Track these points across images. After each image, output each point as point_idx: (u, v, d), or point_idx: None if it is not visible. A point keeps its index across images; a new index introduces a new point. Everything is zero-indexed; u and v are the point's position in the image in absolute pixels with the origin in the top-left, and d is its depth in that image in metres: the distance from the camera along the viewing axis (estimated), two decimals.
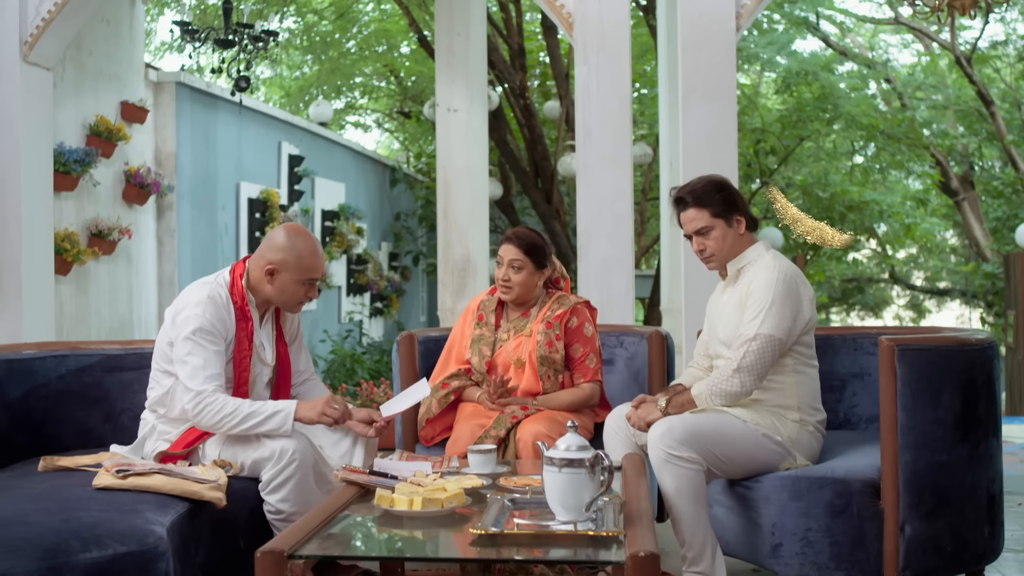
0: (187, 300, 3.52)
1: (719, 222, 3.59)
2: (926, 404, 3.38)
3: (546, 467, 2.65)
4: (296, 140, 11.47)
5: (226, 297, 3.53)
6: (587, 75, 6.01)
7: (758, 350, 3.43)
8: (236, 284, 3.56)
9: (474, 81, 8.03)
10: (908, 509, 3.36)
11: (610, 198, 5.99)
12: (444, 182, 7.98)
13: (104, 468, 3.16)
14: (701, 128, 5.85)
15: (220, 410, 3.33)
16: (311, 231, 11.47)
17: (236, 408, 3.34)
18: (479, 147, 8.11)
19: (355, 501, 3.00)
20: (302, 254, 3.53)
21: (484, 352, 4.13)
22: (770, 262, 3.55)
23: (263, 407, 3.37)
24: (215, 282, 3.57)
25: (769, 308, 3.45)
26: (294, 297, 3.57)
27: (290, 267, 3.52)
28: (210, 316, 3.44)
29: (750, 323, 3.46)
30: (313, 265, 3.55)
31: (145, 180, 8.23)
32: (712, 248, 3.62)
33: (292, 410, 3.37)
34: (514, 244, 4.11)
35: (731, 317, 3.58)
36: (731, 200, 3.60)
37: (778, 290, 3.46)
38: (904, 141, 18.31)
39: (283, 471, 3.32)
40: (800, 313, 3.51)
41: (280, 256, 3.53)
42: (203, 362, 3.38)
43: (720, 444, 3.39)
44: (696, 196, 3.58)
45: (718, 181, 3.64)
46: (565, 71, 13.34)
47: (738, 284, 3.62)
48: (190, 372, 3.37)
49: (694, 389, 3.53)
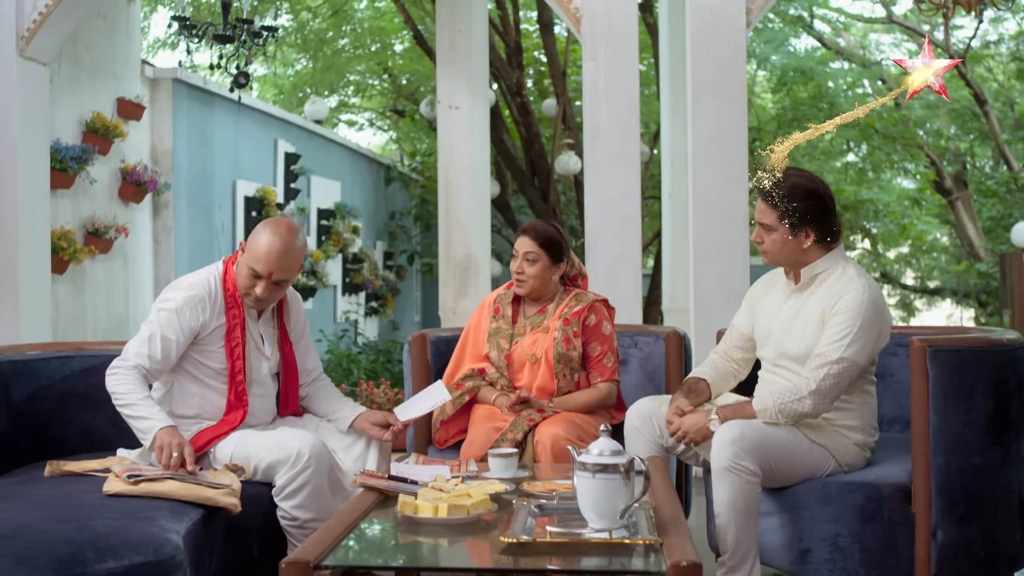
0: (179, 282, 3.51)
1: (784, 228, 3.40)
2: (958, 406, 3.29)
3: (578, 472, 2.56)
4: (292, 138, 11.36)
5: (216, 285, 3.47)
6: (595, 71, 5.93)
7: (838, 374, 3.28)
8: (229, 272, 3.50)
9: (476, 78, 7.93)
10: (940, 514, 3.28)
11: (618, 196, 5.92)
12: (446, 180, 7.88)
13: (114, 473, 3.05)
14: (711, 126, 5.78)
15: (119, 383, 3.33)
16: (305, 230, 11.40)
17: (127, 391, 3.31)
18: (481, 145, 8.01)
19: (375, 507, 2.90)
20: (259, 241, 3.40)
21: (502, 345, 4.04)
22: (855, 278, 3.37)
23: (146, 410, 3.29)
24: (209, 270, 3.52)
25: (857, 332, 3.28)
26: (243, 282, 3.46)
27: (249, 249, 3.43)
28: (187, 304, 3.41)
29: (834, 344, 3.29)
30: (259, 256, 3.38)
31: (142, 178, 8.11)
32: (767, 247, 3.45)
33: (153, 433, 3.24)
34: (529, 236, 4.02)
35: (803, 329, 3.41)
36: (811, 211, 3.37)
37: (868, 313, 3.30)
38: (900, 141, 18.29)
39: (298, 476, 3.23)
40: (881, 338, 3.38)
41: (250, 237, 3.47)
42: (148, 340, 3.37)
43: (782, 460, 3.27)
44: (773, 192, 3.39)
45: (808, 186, 3.39)
46: (562, 69, 13.24)
47: (811, 294, 3.44)
48: (134, 339, 3.40)
49: (757, 403, 3.36)
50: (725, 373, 3.72)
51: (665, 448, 3.62)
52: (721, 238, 5.74)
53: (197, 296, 3.42)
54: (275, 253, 3.37)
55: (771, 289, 3.66)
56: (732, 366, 3.73)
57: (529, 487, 3.05)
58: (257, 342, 3.52)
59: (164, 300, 3.44)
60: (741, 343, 3.71)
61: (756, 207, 3.51)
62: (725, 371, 3.72)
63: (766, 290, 3.67)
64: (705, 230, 5.77)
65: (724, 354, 3.74)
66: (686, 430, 3.42)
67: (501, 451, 3.29)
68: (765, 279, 3.73)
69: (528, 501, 2.83)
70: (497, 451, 3.29)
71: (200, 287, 3.45)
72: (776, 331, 3.51)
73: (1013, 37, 19.80)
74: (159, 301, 3.46)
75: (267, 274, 3.38)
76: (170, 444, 3.17)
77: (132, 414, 3.29)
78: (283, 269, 3.39)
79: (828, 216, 3.42)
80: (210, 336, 3.45)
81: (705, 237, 5.78)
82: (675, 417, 3.48)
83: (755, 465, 3.20)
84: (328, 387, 3.77)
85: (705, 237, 5.78)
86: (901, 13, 19.74)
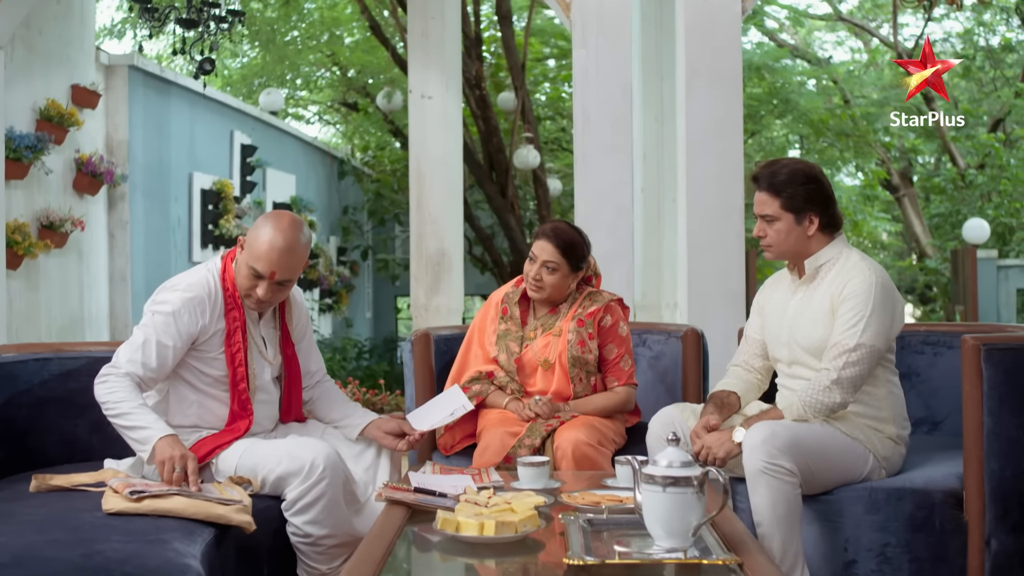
0: (175, 282, 3.19)
1: (788, 216, 3.26)
2: (1013, 408, 3.11)
3: (645, 486, 2.32)
4: (248, 129, 11.00)
5: (215, 285, 3.16)
6: (585, 59, 5.71)
7: (858, 361, 3.12)
8: (228, 270, 3.18)
9: (449, 67, 7.66)
10: (994, 521, 3.09)
11: (610, 188, 5.70)
12: (417, 173, 7.59)
13: (112, 489, 2.76)
14: (706, 116, 5.58)
15: (109, 392, 3.02)
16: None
17: (120, 400, 3.01)
18: (454, 136, 7.74)
19: (406, 524, 2.64)
20: (260, 237, 3.09)
21: (512, 348, 3.78)
22: (859, 263, 3.24)
23: (142, 419, 2.99)
24: (207, 268, 3.20)
25: (870, 316, 3.14)
26: (243, 282, 3.14)
27: (248, 245, 3.12)
28: (185, 307, 3.10)
29: (848, 331, 3.15)
30: (260, 254, 3.07)
31: (98, 169, 7.72)
32: (771, 240, 3.31)
33: (152, 443, 2.95)
34: (551, 243, 3.73)
35: (814, 321, 3.26)
36: (813, 195, 3.25)
37: (877, 296, 3.16)
38: (852, 137, 18.34)
39: (311, 490, 2.95)
40: (895, 321, 3.23)
41: (249, 233, 3.16)
42: (141, 346, 3.06)
43: (819, 457, 3.07)
44: (773, 181, 3.26)
45: (806, 171, 3.28)
46: (521, 62, 13.02)
47: (818, 285, 3.30)
48: (126, 345, 3.09)
49: (780, 402, 3.22)
50: (750, 385, 3.53)
51: (692, 455, 3.41)
52: (716, 232, 5.55)
53: (196, 298, 3.11)
54: (277, 251, 3.06)
55: (776, 289, 3.50)
56: (756, 376, 3.54)
57: (568, 499, 2.81)
58: (259, 346, 3.23)
59: (159, 302, 3.12)
60: (759, 350, 3.54)
61: (755, 200, 3.36)
62: (750, 383, 3.53)
63: (772, 292, 3.52)
64: (699, 224, 5.57)
65: (745, 364, 3.56)
66: (709, 447, 3.21)
67: (531, 459, 3.04)
68: (770, 282, 3.58)
69: (575, 515, 2.60)
70: (527, 460, 3.04)
71: (199, 288, 3.13)
72: (787, 328, 3.36)
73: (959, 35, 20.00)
74: (153, 303, 3.14)
75: (269, 274, 3.07)
76: (171, 457, 2.88)
77: (127, 424, 2.98)
78: (286, 268, 3.09)
79: (829, 200, 3.30)
80: (209, 341, 3.14)
81: (699, 231, 5.58)
82: (702, 433, 3.27)
83: (791, 464, 3.01)
84: (333, 391, 3.50)
85: (699, 231, 5.58)
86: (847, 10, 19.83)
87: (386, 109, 12.98)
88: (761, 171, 3.31)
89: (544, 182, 13.65)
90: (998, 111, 19.43)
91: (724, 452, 3.17)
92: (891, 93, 19.33)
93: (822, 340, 3.24)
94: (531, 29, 13.83)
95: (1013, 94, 18.65)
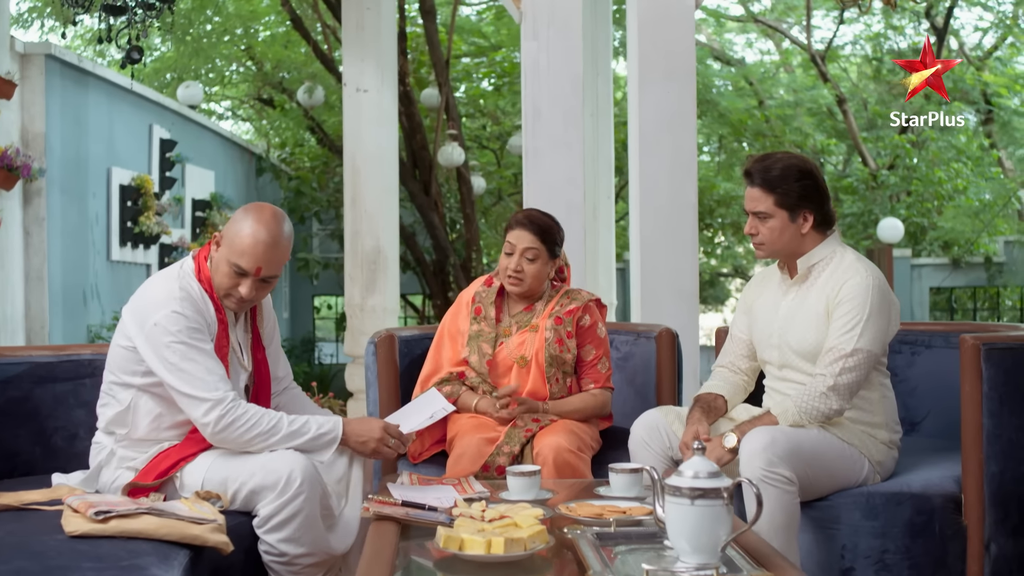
0: (154, 297, 2.88)
1: (782, 213, 3.14)
2: (1013, 409, 3.03)
3: (671, 498, 2.16)
4: (167, 123, 10.60)
5: (198, 288, 2.91)
6: (536, 51, 5.54)
7: (855, 367, 3.02)
8: (203, 270, 2.94)
9: (385, 59, 7.42)
10: (994, 525, 3.02)
11: (561, 184, 5.53)
12: (352, 168, 7.34)
13: (71, 508, 2.52)
14: (659, 111, 5.44)
15: (254, 425, 2.78)
16: (179, 222, 10.67)
17: (274, 424, 2.81)
18: (390, 130, 7.51)
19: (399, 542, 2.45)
20: (241, 232, 2.88)
21: (484, 350, 3.60)
22: (855, 263, 3.13)
23: (306, 425, 2.82)
24: (180, 273, 2.94)
25: (867, 320, 3.03)
26: (223, 280, 2.92)
27: (227, 242, 2.91)
28: (192, 312, 2.84)
29: (845, 336, 3.03)
30: (243, 249, 2.86)
31: (14, 162, 7.31)
32: (764, 237, 3.19)
33: (339, 434, 2.82)
34: (529, 230, 3.59)
35: (807, 324, 3.14)
36: (807, 192, 3.14)
37: (874, 300, 3.05)
38: (768, 138, 18.51)
39: (288, 505, 2.74)
40: (891, 324, 3.13)
41: (227, 228, 2.93)
42: (206, 367, 2.79)
43: (817, 464, 2.96)
44: (767, 177, 3.13)
45: (801, 166, 3.15)
46: (445, 58, 12.82)
47: (811, 285, 3.19)
48: (192, 381, 2.77)
49: (772, 407, 3.09)
50: (736, 387, 3.41)
51: (675, 461, 3.28)
52: (669, 231, 5.41)
53: (191, 302, 2.87)
54: (262, 244, 2.85)
55: (765, 288, 3.38)
56: (742, 378, 3.42)
57: (568, 511, 2.64)
58: (236, 351, 3.00)
59: (167, 321, 2.80)
60: (745, 351, 3.42)
61: (747, 195, 3.23)
62: (736, 385, 3.41)
63: (760, 290, 3.40)
64: (652, 222, 5.44)
65: (731, 365, 3.43)
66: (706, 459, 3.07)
67: (522, 469, 2.86)
68: (758, 279, 3.46)
69: (581, 529, 2.43)
70: (518, 469, 2.86)
71: (188, 293, 2.88)
72: (778, 330, 3.24)
73: (869, 39, 20.36)
74: (160, 331, 2.80)
75: (255, 270, 2.86)
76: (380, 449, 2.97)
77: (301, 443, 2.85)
78: (272, 263, 2.88)
79: (824, 197, 3.19)
80: None
81: (652, 229, 5.44)
82: (691, 444, 3.13)
83: (791, 472, 2.90)
84: (301, 397, 3.28)
85: (652, 229, 5.44)
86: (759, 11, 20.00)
87: (307, 104, 12.65)
88: (753, 166, 3.19)
89: (468, 179, 13.46)
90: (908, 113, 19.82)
91: (715, 459, 3.04)
92: (804, 95, 19.60)
93: (815, 344, 3.12)
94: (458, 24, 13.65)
95: (923, 96, 19.01)
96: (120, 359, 2.89)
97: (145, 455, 2.89)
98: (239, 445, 2.80)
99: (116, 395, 2.91)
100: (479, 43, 16.71)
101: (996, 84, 19.03)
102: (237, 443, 2.80)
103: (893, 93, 20.30)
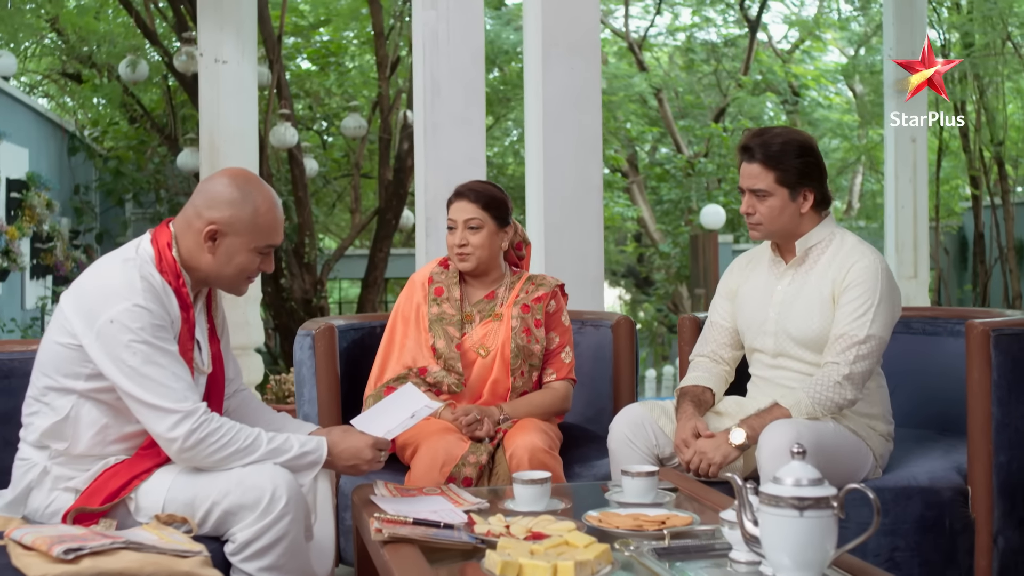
0: (109, 288, 2.41)
1: (782, 191, 2.95)
2: (1021, 397, 2.92)
3: (772, 509, 1.89)
4: None
5: (160, 279, 2.46)
6: (435, 21, 5.19)
7: (869, 353, 2.86)
8: (165, 258, 2.49)
9: (244, 29, 6.90)
10: (1002, 518, 2.91)
11: (462, 163, 5.19)
12: (211, 146, 6.80)
13: (21, 546, 2.06)
14: (564, 88, 5.20)
15: (229, 442, 2.37)
16: None
17: (252, 441, 2.40)
18: (250, 105, 6.99)
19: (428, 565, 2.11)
20: (259, 209, 2.53)
21: (451, 334, 3.27)
22: (859, 246, 2.97)
23: (287, 442, 2.42)
24: (137, 257, 2.48)
25: (878, 305, 2.88)
26: (243, 271, 2.56)
27: (242, 228, 2.51)
28: (156, 307, 2.40)
29: (856, 322, 2.87)
30: (272, 225, 2.56)
31: None
32: (761, 216, 2.98)
33: (323, 455, 2.44)
34: (468, 200, 3.31)
35: (809, 309, 2.96)
36: (808, 169, 2.96)
37: (884, 284, 2.90)
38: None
39: (271, 528, 2.35)
40: (895, 310, 2.97)
41: (228, 213, 2.51)
42: (172, 372, 2.36)
43: (833, 458, 2.77)
44: (768, 152, 2.93)
45: (802, 142, 2.98)
46: (277, 34, 12.23)
47: (809, 269, 3.01)
48: (156, 389, 2.34)
49: (784, 400, 2.88)
50: (719, 378, 3.20)
51: (661, 459, 3.05)
52: (575, 212, 5.19)
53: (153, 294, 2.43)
54: (278, 209, 2.57)
55: (752, 273, 3.18)
56: (724, 368, 3.22)
57: (605, 522, 2.34)
58: (198, 350, 2.57)
59: (125, 316, 2.36)
60: (728, 339, 3.22)
61: (744, 172, 3.02)
62: (719, 375, 3.20)
63: (747, 274, 3.19)
64: (557, 204, 5.19)
65: (713, 355, 3.22)
66: (704, 452, 2.85)
67: (531, 476, 2.55)
68: (739, 263, 3.26)
69: (632, 545, 2.15)
70: (527, 476, 2.55)
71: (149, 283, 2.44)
72: (774, 317, 3.04)
73: (683, 29, 20.82)
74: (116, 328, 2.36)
75: (280, 241, 2.56)
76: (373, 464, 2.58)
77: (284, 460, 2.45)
78: None
79: (824, 175, 3.03)
80: None
81: (557, 211, 5.20)
82: (691, 440, 2.90)
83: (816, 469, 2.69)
84: (255, 401, 2.86)
85: (557, 211, 5.20)
86: None
87: (129, 80, 11.80)
88: (752, 140, 2.97)
89: (300, 161, 12.91)
90: (720, 103, 20.42)
91: (721, 457, 2.83)
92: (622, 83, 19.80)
93: (819, 331, 2.94)
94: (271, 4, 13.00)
95: (735, 85, 19.56)
96: (58, 359, 2.41)
97: (87, 473, 2.43)
98: (209, 464, 2.39)
99: (51, 402, 2.43)
100: (296, 23, 16.07)
101: (803, 76, 19.78)
102: (207, 462, 2.39)
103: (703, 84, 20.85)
